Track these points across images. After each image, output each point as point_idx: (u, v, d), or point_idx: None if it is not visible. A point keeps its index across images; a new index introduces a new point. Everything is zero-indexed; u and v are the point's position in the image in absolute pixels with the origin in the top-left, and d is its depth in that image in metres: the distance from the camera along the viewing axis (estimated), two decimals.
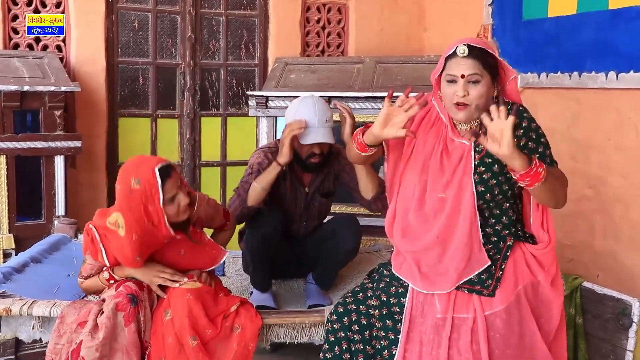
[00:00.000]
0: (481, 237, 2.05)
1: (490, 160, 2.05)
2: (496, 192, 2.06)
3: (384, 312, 2.14)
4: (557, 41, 3.51)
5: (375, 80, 3.90)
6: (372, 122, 2.16)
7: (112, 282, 2.34)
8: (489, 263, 2.04)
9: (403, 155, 2.20)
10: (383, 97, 3.66)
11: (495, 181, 2.05)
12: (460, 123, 2.12)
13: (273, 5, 4.40)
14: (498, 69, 2.07)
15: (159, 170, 2.21)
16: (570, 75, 3.42)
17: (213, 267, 2.50)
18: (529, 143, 2.03)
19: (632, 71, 3.06)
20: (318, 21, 4.55)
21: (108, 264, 2.30)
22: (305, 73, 4.09)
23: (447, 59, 2.07)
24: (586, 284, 2.61)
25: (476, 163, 2.06)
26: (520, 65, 3.77)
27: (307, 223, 2.96)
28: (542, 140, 2.06)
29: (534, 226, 2.11)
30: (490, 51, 2.04)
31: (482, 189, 2.05)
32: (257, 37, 4.44)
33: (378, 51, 4.45)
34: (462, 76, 2.01)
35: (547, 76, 3.59)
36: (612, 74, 3.16)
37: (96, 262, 2.34)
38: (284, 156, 2.70)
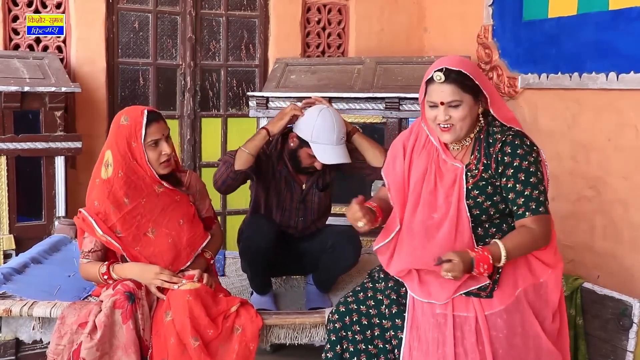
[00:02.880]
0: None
1: (483, 183, 2.05)
2: (492, 212, 2.07)
3: (394, 311, 2.13)
4: (557, 42, 3.51)
5: (376, 81, 3.90)
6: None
7: (106, 277, 2.35)
8: (488, 282, 2.02)
9: (405, 190, 2.17)
10: (383, 98, 3.73)
11: (490, 202, 2.06)
12: (450, 144, 2.12)
13: (273, 5, 4.40)
14: (480, 87, 2.04)
15: (147, 112, 2.37)
16: (570, 76, 3.42)
17: (212, 261, 2.59)
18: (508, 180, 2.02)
19: (632, 72, 3.05)
20: (318, 22, 4.55)
21: (101, 232, 2.33)
22: (306, 74, 4.08)
23: (427, 83, 2.07)
24: (586, 285, 2.60)
25: (469, 187, 2.05)
26: (521, 66, 3.78)
27: (304, 218, 2.93)
28: (531, 180, 2.01)
29: None
30: (468, 75, 2.00)
31: (477, 212, 2.05)
32: (258, 37, 4.44)
33: (378, 52, 4.44)
34: (442, 103, 2.02)
35: (547, 77, 3.58)
36: (612, 74, 3.16)
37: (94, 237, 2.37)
38: (276, 128, 2.66)
